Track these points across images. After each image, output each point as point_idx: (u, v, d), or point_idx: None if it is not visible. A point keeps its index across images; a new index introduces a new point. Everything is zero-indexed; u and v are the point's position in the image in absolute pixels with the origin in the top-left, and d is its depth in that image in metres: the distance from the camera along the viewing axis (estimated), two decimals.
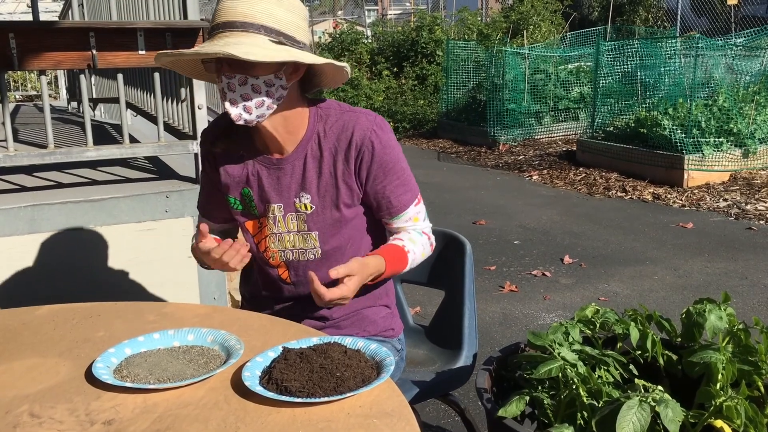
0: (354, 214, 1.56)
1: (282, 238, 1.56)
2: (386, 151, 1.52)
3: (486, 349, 3.09)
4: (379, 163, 1.51)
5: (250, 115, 1.42)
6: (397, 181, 1.55)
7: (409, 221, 1.59)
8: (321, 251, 1.55)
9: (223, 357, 1.24)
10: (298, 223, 1.54)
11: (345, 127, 1.50)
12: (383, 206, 1.56)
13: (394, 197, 1.55)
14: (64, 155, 2.44)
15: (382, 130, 1.52)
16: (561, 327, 1.55)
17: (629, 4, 15.42)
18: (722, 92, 6.88)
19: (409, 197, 1.57)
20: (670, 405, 1.23)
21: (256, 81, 1.39)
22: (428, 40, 13.27)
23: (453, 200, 6.38)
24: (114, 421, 1.04)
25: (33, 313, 1.51)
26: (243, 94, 1.39)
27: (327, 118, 1.53)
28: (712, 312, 1.52)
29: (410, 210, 1.58)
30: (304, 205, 1.53)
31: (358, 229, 1.59)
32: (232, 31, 1.36)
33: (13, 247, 2.26)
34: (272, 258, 1.58)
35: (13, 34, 2.22)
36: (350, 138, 1.49)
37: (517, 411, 1.37)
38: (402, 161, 1.56)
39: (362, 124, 1.50)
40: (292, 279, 1.59)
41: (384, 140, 1.51)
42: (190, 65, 1.53)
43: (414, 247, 1.57)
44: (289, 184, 1.53)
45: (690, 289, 3.98)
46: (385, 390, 1.11)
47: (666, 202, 6.08)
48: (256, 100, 1.40)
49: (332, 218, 1.53)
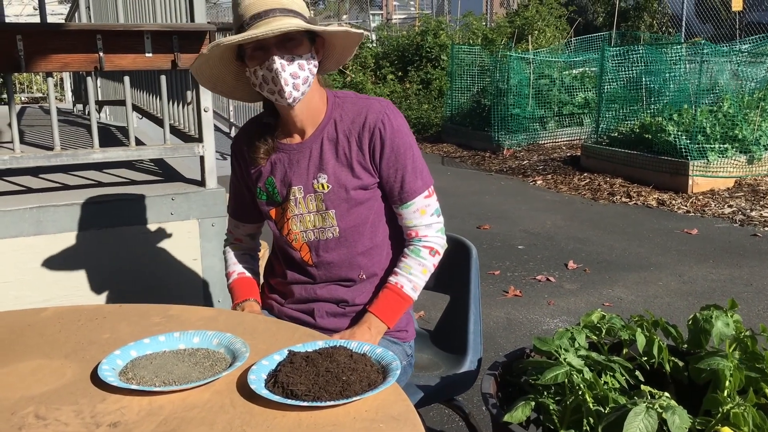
0: (369, 197, 1.63)
1: (303, 219, 1.64)
2: (397, 135, 1.60)
3: (490, 354, 3.09)
4: (391, 146, 1.60)
5: (298, 92, 1.53)
6: (410, 166, 1.62)
7: (416, 212, 1.64)
8: (339, 230, 1.63)
9: (228, 360, 1.24)
10: (317, 203, 1.62)
11: (359, 112, 1.61)
12: (395, 191, 1.63)
13: (405, 182, 1.62)
14: (70, 157, 2.45)
15: (394, 115, 1.62)
16: (567, 333, 1.54)
17: (634, 10, 15.41)
18: (727, 98, 6.86)
19: (420, 185, 1.63)
20: (677, 412, 1.23)
21: (301, 60, 1.51)
22: (433, 44, 13.27)
23: (457, 205, 6.38)
24: (119, 423, 1.04)
25: (38, 314, 1.52)
26: (292, 73, 1.50)
27: (344, 104, 1.64)
28: (719, 318, 1.51)
29: (419, 200, 1.63)
30: (321, 185, 1.61)
31: (376, 212, 1.65)
32: (275, 17, 1.48)
33: (18, 248, 2.27)
34: (295, 240, 1.66)
35: (21, 36, 2.23)
36: (363, 122, 1.60)
37: (523, 417, 1.36)
38: (414, 148, 1.64)
39: (375, 108, 1.61)
40: (313, 260, 1.66)
41: (395, 125, 1.61)
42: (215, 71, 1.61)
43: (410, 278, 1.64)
44: (308, 166, 1.62)
45: (694, 295, 3.97)
46: (391, 394, 1.11)
47: (670, 208, 6.07)
48: (303, 76, 1.52)
49: (347, 197, 1.61)
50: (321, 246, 1.64)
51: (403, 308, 1.64)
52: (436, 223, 1.67)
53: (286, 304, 1.72)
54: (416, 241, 1.65)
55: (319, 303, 1.68)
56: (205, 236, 2.50)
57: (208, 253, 2.51)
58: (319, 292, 1.67)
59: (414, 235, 1.65)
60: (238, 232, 1.84)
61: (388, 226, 1.69)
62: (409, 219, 1.65)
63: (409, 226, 1.65)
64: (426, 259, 1.64)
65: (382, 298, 1.63)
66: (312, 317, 1.67)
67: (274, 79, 1.49)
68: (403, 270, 1.64)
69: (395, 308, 1.62)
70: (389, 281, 1.64)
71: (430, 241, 1.65)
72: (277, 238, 1.71)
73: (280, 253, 1.73)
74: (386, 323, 1.61)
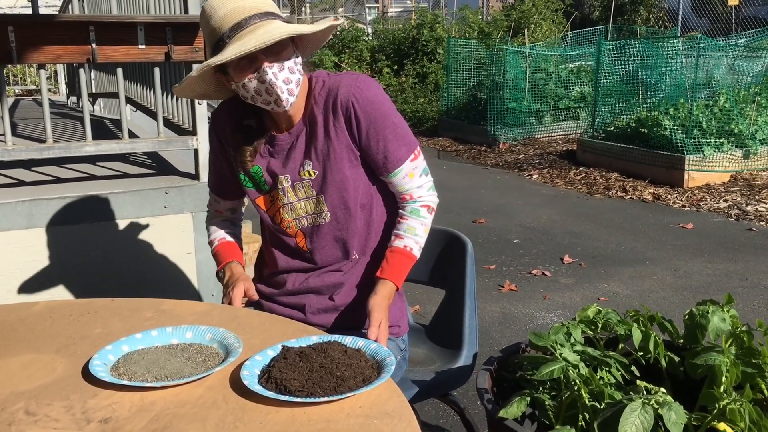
0: (356, 175, 1.60)
1: (294, 207, 1.63)
2: (373, 106, 1.56)
3: (485, 349, 3.08)
4: (366, 118, 1.56)
5: (293, 96, 1.50)
6: (391, 135, 1.59)
7: (405, 178, 1.63)
8: (330, 214, 1.61)
9: (221, 355, 1.23)
10: (305, 190, 1.61)
11: (331, 90, 1.57)
12: (380, 162, 1.60)
13: (389, 152, 1.59)
14: (62, 150, 2.42)
15: (366, 86, 1.56)
16: (563, 328, 1.53)
17: (630, 4, 15.40)
18: (723, 93, 6.86)
19: (404, 151, 1.61)
20: (673, 408, 1.22)
21: (289, 63, 1.48)
22: (429, 38, 13.24)
23: (453, 199, 6.37)
24: (110, 419, 1.03)
25: (30, 308, 1.50)
26: (284, 79, 1.47)
27: (316, 85, 1.60)
28: (715, 314, 1.50)
29: (406, 165, 1.62)
30: (307, 172, 1.60)
31: (365, 188, 1.63)
32: (255, 24, 1.44)
33: (10, 241, 2.25)
34: (289, 228, 1.65)
35: (13, 28, 2.21)
36: (335, 99, 1.55)
37: (519, 412, 1.35)
38: (393, 116, 1.60)
39: (345, 83, 1.56)
40: (308, 246, 1.65)
41: (368, 95, 1.56)
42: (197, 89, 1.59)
43: (416, 239, 1.63)
44: (295, 155, 1.60)
45: (690, 289, 3.97)
46: (385, 390, 1.10)
47: (666, 203, 6.07)
48: (295, 79, 1.49)
49: (333, 180, 1.58)
50: (315, 232, 1.63)
51: (410, 268, 1.64)
52: (427, 182, 1.67)
53: (276, 299, 1.71)
54: (412, 203, 1.65)
55: (310, 297, 1.67)
56: (198, 230, 2.48)
57: (202, 247, 2.49)
58: (311, 282, 1.66)
59: (408, 198, 1.65)
60: (218, 206, 1.83)
61: (377, 202, 1.67)
62: (400, 185, 1.64)
63: (401, 191, 1.65)
64: (425, 217, 1.65)
65: (394, 263, 1.61)
66: (303, 313, 1.66)
67: (268, 90, 1.46)
68: (407, 232, 1.63)
69: (405, 270, 1.63)
70: (396, 245, 1.63)
71: (425, 199, 1.66)
72: (269, 226, 1.68)
73: (273, 240, 1.71)
74: (397, 285, 1.61)
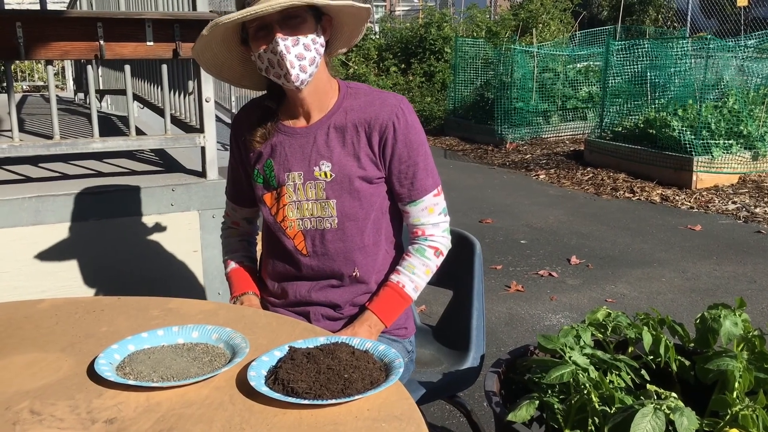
0: (373, 191, 1.58)
1: (301, 206, 1.59)
2: (411, 132, 1.56)
3: (491, 349, 3.07)
4: (404, 142, 1.55)
5: (305, 74, 1.47)
6: (422, 164, 1.59)
7: (424, 210, 1.61)
8: (338, 221, 1.57)
9: (228, 355, 1.22)
10: (317, 191, 1.57)
11: (372, 104, 1.56)
12: (405, 186, 1.59)
13: (416, 180, 1.58)
14: (69, 146, 2.42)
15: (409, 111, 1.58)
16: (572, 330, 1.51)
17: (639, 4, 15.34)
18: (732, 94, 6.82)
19: (431, 183, 1.60)
20: (685, 413, 1.20)
21: (306, 39, 1.45)
22: (436, 37, 13.20)
23: (459, 198, 6.35)
24: (116, 419, 1.02)
25: (35, 306, 1.49)
26: (298, 54, 1.45)
27: (356, 95, 1.59)
28: (727, 318, 1.48)
29: (428, 198, 1.60)
30: (324, 173, 1.56)
31: (378, 208, 1.60)
32: None
33: (16, 238, 2.24)
34: (289, 228, 1.60)
35: (20, 23, 2.20)
36: (376, 115, 1.55)
37: (527, 416, 1.34)
38: (425, 146, 1.60)
39: (390, 102, 1.56)
40: (308, 250, 1.60)
41: (410, 120, 1.57)
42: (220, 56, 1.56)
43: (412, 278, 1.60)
44: (311, 152, 1.57)
45: (698, 292, 3.94)
46: (393, 393, 1.08)
47: (674, 204, 6.04)
48: (309, 57, 1.46)
49: (350, 188, 1.56)
50: (318, 236, 1.59)
51: (402, 307, 1.61)
52: (443, 222, 1.63)
53: (280, 305, 1.68)
54: (422, 240, 1.62)
55: (314, 306, 1.63)
56: (205, 228, 2.47)
57: (209, 245, 2.48)
58: (314, 296, 1.62)
59: (420, 234, 1.62)
60: (236, 216, 1.79)
61: (391, 227, 1.64)
62: (416, 217, 1.61)
63: (415, 224, 1.62)
64: (430, 259, 1.61)
65: (383, 296, 1.59)
66: (307, 320, 1.63)
67: (279, 62, 1.44)
68: (406, 269, 1.60)
69: (395, 307, 1.59)
70: (391, 279, 1.61)
71: (435, 241, 1.62)
72: (270, 225, 1.64)
73: (270, 242, 1.67)
74: (384, 322, 1.58)
